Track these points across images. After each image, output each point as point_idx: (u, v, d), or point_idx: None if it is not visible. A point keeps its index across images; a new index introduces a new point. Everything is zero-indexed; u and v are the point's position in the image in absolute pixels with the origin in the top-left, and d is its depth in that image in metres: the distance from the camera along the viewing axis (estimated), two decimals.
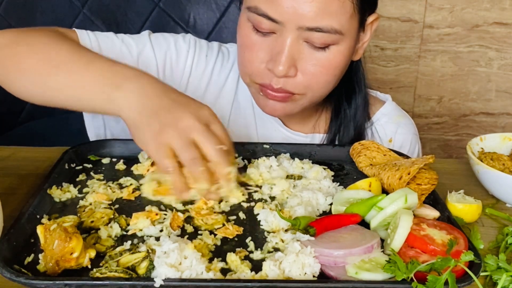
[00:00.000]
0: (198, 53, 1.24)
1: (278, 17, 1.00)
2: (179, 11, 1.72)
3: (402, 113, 1.32)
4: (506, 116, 2.45)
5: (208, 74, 1.25)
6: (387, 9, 2.29)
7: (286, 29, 1.01)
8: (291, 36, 1.01)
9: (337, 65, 1.07)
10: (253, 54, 1.07)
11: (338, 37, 1.03)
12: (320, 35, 1.01)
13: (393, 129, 1.27)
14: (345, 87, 1.21)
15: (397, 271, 0.71)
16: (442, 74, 2.39)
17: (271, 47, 1.04)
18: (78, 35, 1.12)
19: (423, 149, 2.50)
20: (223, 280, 0.72)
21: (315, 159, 1.09)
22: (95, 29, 1.17)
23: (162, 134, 0.85)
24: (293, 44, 1.02)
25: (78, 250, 0.72)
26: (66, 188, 0.93)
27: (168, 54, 1.21)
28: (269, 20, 1.01)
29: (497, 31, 2.31)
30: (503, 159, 1.06)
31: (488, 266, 0.78)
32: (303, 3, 0.98)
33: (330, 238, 0.80)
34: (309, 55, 1.04)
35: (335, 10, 1.00)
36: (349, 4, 1.02)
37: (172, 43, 1.22)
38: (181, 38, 1.25)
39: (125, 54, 1.16)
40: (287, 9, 0.99)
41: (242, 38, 1.09)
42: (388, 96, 1.33)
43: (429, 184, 0.93)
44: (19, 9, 1.67)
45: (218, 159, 0.85)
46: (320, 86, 1.09)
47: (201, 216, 0.86)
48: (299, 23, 1.00)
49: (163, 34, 1.24)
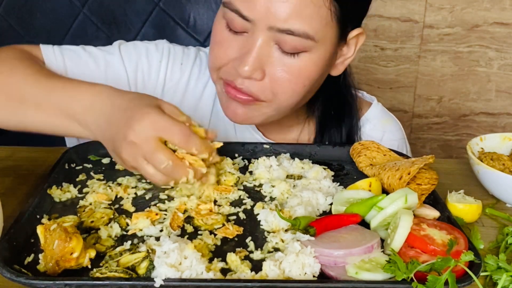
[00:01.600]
0: (172, 62, 1.21)
1: (250, 14, 0.97)
2: (179, 11, 1.71)
3: (388, 117, 1.28)
4: (506, 116, 2.45)
5: (184, 82, 1.22)
6: (387, 9, 2.29)
7: (257, 29, 0.98)
8: (262, 37, 0.98)
9: (307, 74, 1.02)
10: (222, 51, 1.04)
11: (311, 43, 0.98)
12: (291, 39, 0.97)
13: (379, 136, 1.23)
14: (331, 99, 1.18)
15: (397, 271, 0.71)
16: (442, 74, 2.39)
17: (241, 46, 1.01)
18: (42, 52, 1.11)
19: (423, 149, 2.52)
20: (223, 280, 0.72)
21: (315, 159, 1.08)
22: (95, 29, 1.17)
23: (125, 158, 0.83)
24: (263, 46, 0.99)
25: (78, 250, 0.72)
26: (66, 188, 0.93)
27: (139, 65, 1.18)
28: (241, 17, 0.98)
29: (497, 31, 2.31)
30: (503, 159, 1.06)
31: (488, 266, 0.78)
32: (276, 3, 0.95)
33: (330, 238, 0.80)
34: (278, 60, 1.00)
35: (309, 14, 0.96)
36: (325, 11, 0.97)
37: (143, 54, 1.19)
38: (154, 47, 1.21)
39: (91, 68, 1.14)
40: (259, 8, 0.96)
41: (214, 34, 1.06)
42: (374, 98, 1.29)
43: (429, 184, 0.93)
44: (19, 9, 1.67)
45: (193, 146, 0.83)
46: (286, 95, 1.04)
47: (201, 216, 0.86)
48: (270, 23, 0.96)
49: (135, 44, 1.21)
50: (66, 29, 1.69)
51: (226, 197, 0.93)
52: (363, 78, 2.37)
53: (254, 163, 1.05)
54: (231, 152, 1.09)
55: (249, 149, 1.10)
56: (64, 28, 1.69)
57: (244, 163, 1.07)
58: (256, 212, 0.89)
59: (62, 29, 1.69)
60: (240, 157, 1.08)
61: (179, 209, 0.87)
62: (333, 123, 1.20)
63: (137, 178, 0.99)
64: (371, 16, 2.29)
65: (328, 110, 1.20)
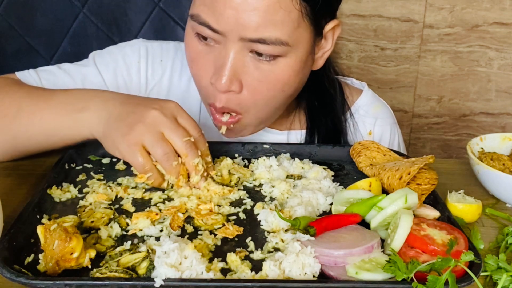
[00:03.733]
0: (152, 60, 1.20)
1: (219, 27, 0.94)
2: (179, 11, 1.71)
3: (379, 103, 1.28)
4: (506, 116, 2.45)
5: (167, 78, 1.21)
6: (387, 9, 2.29)
7: (229, 40, 0.95)
8: (235, 47, 0.95)
9: (285, 80, 1.00)
10: (200, 68, 1.02)
11: (286, 48, 0.95)
12: (264, 47, 0.94)
13: (371, 122, 1.24)
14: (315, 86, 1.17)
15: (397, 271, 0.71)
16: (442, 74, 2.39)
17: (215, 59, 0.98)
18: (18, 78, 1.13)
19: (423, 149, 2.52)
20: (223, 280, 0.72)
21: (315, 159, 1.09)
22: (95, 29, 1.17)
23: (130, 133, 0.88)
24: (237, 56, 0.96)
25: (78, 250, 0.72)
26: (66, 188, 0.93)
27: (117, 71, 1.18)
28: (210, 30, 0.95)
29: (497, 31, 2.31)
30: (503, 159, 1.06)
31: (488, 266, 0.78)
32: (244, 13, 0.91)
33: (330, 238, 0.80)
34: (254, 68, 0.97)
35: (280, 20, 0.93)
36: (296, 14, 0.94)
37: (120, 59, 1.18)
38: (129, 49, 1.20)
39: (68, 84, 1.14)
40: (227, 19, 0.92)
41: (188, 50, 1.03)
42: (365, 84, 1.29)
43: (429, 184, 0.93)
44: (19, 9, 1.67)
45: (185, 151, 0.89)
46: (265, 102, 1.02)
47: (201, 216, 0.86)
48: (241, 34, 0.93)
49: (110, 51, 1.21)
50: (66, 29, 1.69)
51: (226, 197, 0.93)
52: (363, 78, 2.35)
53: (254, 163, 1.05)
54: (231, 152, 1.09)
55: (249, 149, 1.10)
56: (64, 28, 1.69)
57: (244, 163, 1.07)
58: (256, 212, 0.89)
59: (62, 29, 1.69)
60: (240, 157, 1.08)
61: (179, 210, 0.87)
62: (320, 110, 1.20)
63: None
64: (371, 16, 2.30)
65: (313, 99, 1.19)
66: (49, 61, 1.69)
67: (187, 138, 0.90)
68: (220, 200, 0.92)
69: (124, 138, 0.89)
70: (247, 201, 0.93)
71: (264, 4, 0.92)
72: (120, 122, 0.91)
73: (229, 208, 0.90)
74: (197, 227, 0.85)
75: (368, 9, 2.29)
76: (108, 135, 0.92)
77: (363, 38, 2.34)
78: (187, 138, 0.90)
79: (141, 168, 0.89)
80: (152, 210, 0.88)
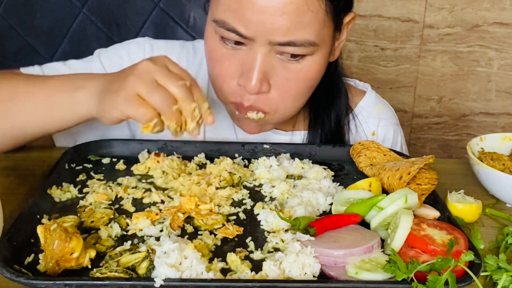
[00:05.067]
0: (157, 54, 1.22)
1: (248, 33, 0.93)
2: (179, 11, 1.71)
3: (382, 104, 1.29)
4: (506, 116, 2.45)
5: None
6: (387, 9, 2.29)
7: (257, 44, 0.95)
8: (263, 50, 0.95)
9: (312, 76, 1.02)
10: (223, 70, 1.01)
11: (313, 48, 0.97)
12: (293, 49, 0.95)
13: (375, 123, 1.25)
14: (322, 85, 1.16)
15: (397, 271, 0.71)
16: (442, 74, 2.39)
17: (241, 61, 0.98)
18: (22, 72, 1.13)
19: (423, 149, 2.52)
20: (223, 280, 0.72)
21: (315, 159, 1.09)
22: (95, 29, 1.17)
23: (124, 87, 0.86)
24: (265, 58, 0.96)
25: (78, 250, 0.72)
26: (66, 188, 0.93)
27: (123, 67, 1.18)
28: (238, 35, 0.95)
29: (497, 31, 2.31)
30: (503, 159, 1.06)
31: (488, 266, 0.78)
32: (273, 17, 0.91)
33: (330, 238, 0.80)
34: (282, 69, 0.98)
35: (308, 22, 0.93)
36: (322, 14, 0.95)
37: (125, 55, 1.19)
38: (135, 46, 1.21)
39: None
40: (256, 25, 0.92)
41: (210, 51, 1.03)
42: (368, 85, 1.29)
43: (429, 184, 0.93)
44: (19, 9, 1.67)
45: (182, 95, 0.85)
46: (294, 99, 1.04)
47: (201, 216, 0.86)
48: (270, 38, 0.93)
49: (115, 48, 1.21)
50: (66, 29, 1.69)
51: (226, 197, 0.93)
52: (363, 78, 2.35)
53: (254, 163, 1.05)
54: (231, 152, 1.09)
55: (249, 149, 1.10)
56: (64, 28, 1.69)
57: (244, 163, 1.07)
58: (256, 212, 0.89)
59: (62, 29, 1.69)
60: (240, 157, 1.08)
61: (179, 210, 0.87)
62: (324, 111, 1.20)
63: (137, 179, 0.99)
64: (371, 16, 2.30)
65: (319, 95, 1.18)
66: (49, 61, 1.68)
67: (182, 82, 0.86)
68: (220, 200, 0.92)
69: (118, 94, 0.87)
70: (247, 201, 0.93)
71: (292, 8, 0.91)
72: (112, 84, 0.90)
73: (229, 208, 0.90)
74: (197, 227, 0.85)
75: (368, 9, 2.29)
76: (103, 102, 0.90)
77: (363, 38, 2.34)
78: (182, 82, 0.86)
79: (143, 116, 0.85)
80: (152, 210, 0.88)
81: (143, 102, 0.85)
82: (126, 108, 0.86)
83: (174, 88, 0.85)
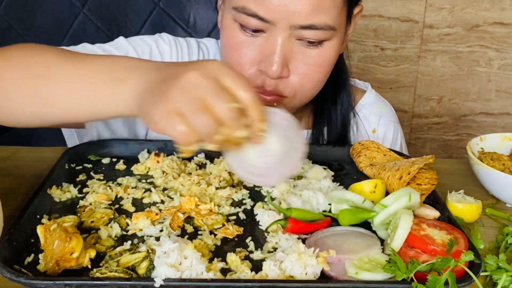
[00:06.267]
0: (181, 50, 1.22)
1: (269, 16, 0.95)
2: (179, 11, 1.71)
3: (383, 102, 1.31)
4: (506, 116, 2.45)
5: None
6: (387, 9, 2.29)
7: (277, 28, 0.97)
8: (283, 35, 0.97)
9: (329, 61, 1.04)
10: (242, 56, 1.02)
11: (331, 33, 1.00)
12: (313, 33, 0.98)
13: (375, 120, 1.27)
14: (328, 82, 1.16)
15: (397, 271, 0.71)
16: (442, 74, 2.39)
17: (261, 47, 1.00)
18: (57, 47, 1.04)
19: (423, 149, 2.52)
20: (223, 280, 0.72)
21: (315, 159, 1.08)
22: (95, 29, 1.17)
23: (165, 100, 0.72)
24: (285, 43, 0.98)
25: (78, 250, 0.72)
26: (66, 188, 0.93)
27: (153, 57, 1.18)
28: (259, 20, 0.96)
29: (497, 31, 2.30)
30: (503, 159, 1.06)
31: (488, 266, 0.78)
32: (294, 0, 0.94)
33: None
34: (301, 54, 1.00)
35: (328, 5, 0.97)
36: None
37: (153, 45, 1.19)
38: (161, 39, 1.22)
39: None
40: (278, 8, 0.94)
41: (228, 40, 1.03)
42: (368, 84, 1.32)
43: (429, 184, 0.93)
44: (19, 9, 1.67)
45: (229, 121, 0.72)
46: (312, 85, 1.06)
47: (201, 216, 0.86)
48: (291, 21, 0.96)
49: (142, 38, 1.21)
50: (66, 29, 1.69)
51: (226, 197, 0.93)
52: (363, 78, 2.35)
53: None
54: None
55: None
56: (64, 28, 1.69)
57: None
58: (256, 212, 0.89)
59: (62, 29, 1.69)
60: None
61: (179, 210, 0.87)
62: (330, 105, 1.21)
63: (137, 179, 0.99)
64: (371, 16, 2.30)
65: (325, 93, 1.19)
66: None
67: (232, 105, 0.72)
68: (220, 200, 0.92)
69: (158, 107, 0.72)
70: (247, 201, 0.93)
71: None
72: (155, 90, 0.75)
73: (229, 208, 0.90)
74: (197, 227, 0.85)
75: (368, 9, 2.29)
76: (144, 108, 0.76)
77: (363, 38, 2.34)
78: (233, 104, 0.72)
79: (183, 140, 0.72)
80: (152, 210, 0.88)
81: (185, 122, 0.71)
82: (164, 126, 0.73)
83: (222, 111, 0.71)
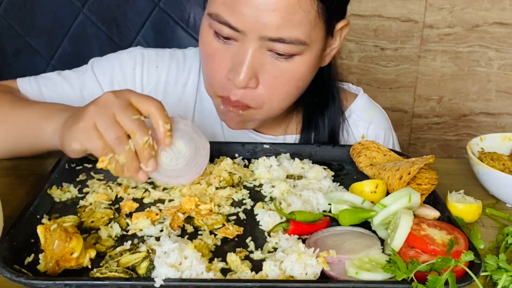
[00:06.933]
0: (147, 66, 1.22)
1: (240, 26, 0.96)
2: (179, 11, 1.71)
3: (374, 107, 1.29)
4: (506, 116, 2.45)
5: (163, 84, 1.22)
6: (387, 9, 2.29)
7: (248, 38, 0.97)
8: (253, 45, 0.97)
9: (300, 76, 1.03)
10: (215, 64, 1.03)
11: (303, 47, 0.98)
12: (283, 46, 0.97)
13: (365, 126, 1.25)
14: (316, 89, 1.17)
15: (397, 271, 0.71)
16: (442, 74, 2.39)
17: (232, 56, 1.00)
18: (18, 85, 1.17)
19: (423, 149, 2.52)
20: (223, 280, 0.72)
21: (315, 159, 1.08)
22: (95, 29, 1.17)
23: (83, 118, 0.85)
24: (256, 53, 0.98)
25: (78, 250, 0.72)
26: (66, 188, 0.93)
27: (114, 77, 1.20)
28: (230, 28, 0.97)
29: (497, 31, 2.31)
30: (503, 159, 1.06)
31: (488, 266, 0.78)
32: (265, 12, 0.93)
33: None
34: (272, 66, 1.00)
35: (299, 20, 0.95)
36: (313, 14, 0.97)
37: (116, 65, 1.20)
38: (126, 55, 1.22)
39: (67, 91, 1.17)
40: (248, 18, 0.94)
41: (204, 46, 1.05)
42: (360, 89, 1.29)
43: (429, 184, 0.93)
44: (19, 9, 1.67)
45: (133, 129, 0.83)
46: (281, 98, 1.05)
47: (201, 216, 0.86)
48: (261, 33, 0.95)
49: (109, 57, 1.23)
50: (66, 29, 1.69)
51: (226, 197, 0.93)
52: (363, 78, 2.37)
53: (254, 163, 1.05)
54: (231, 152, 1.09)
55: (249, 149, 1.10)
56: (64, 28, 1.69)
57: (244, 163, 1.07)
58: (256, 212, 0.89)
59: (62, 29, 1.69)
60: (240, 157, 1.08)
61: (179, 210, 0.87)
62: (318, 112, 1.20)
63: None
64: (371, 16, 2.30)
65: (313, 100, 1.19)
66: (49, 61, 1.69)
67: (136, 117, 0.84)
68: (220, 200, 0.92)
69: (78, 125, 0.85)
70: (247, 201, 0.93)
71: (284, 4, 0.93)
72: (75, 115, 0.89)
73: (229, 208, 0.90)
74: (197, 227, 0.85)
75: (368, 9, 2.29)
76: (65, 133, 0.89)
77: (363, 38, 2.34)
78: (137, 116, 0.85)
79: (98, 150, 0.84)
80: (152, 210, 0.88)
81: (100, 136, 0.84)
82: (83, 139, 0.85)
83: (127, 122, 0.84)
